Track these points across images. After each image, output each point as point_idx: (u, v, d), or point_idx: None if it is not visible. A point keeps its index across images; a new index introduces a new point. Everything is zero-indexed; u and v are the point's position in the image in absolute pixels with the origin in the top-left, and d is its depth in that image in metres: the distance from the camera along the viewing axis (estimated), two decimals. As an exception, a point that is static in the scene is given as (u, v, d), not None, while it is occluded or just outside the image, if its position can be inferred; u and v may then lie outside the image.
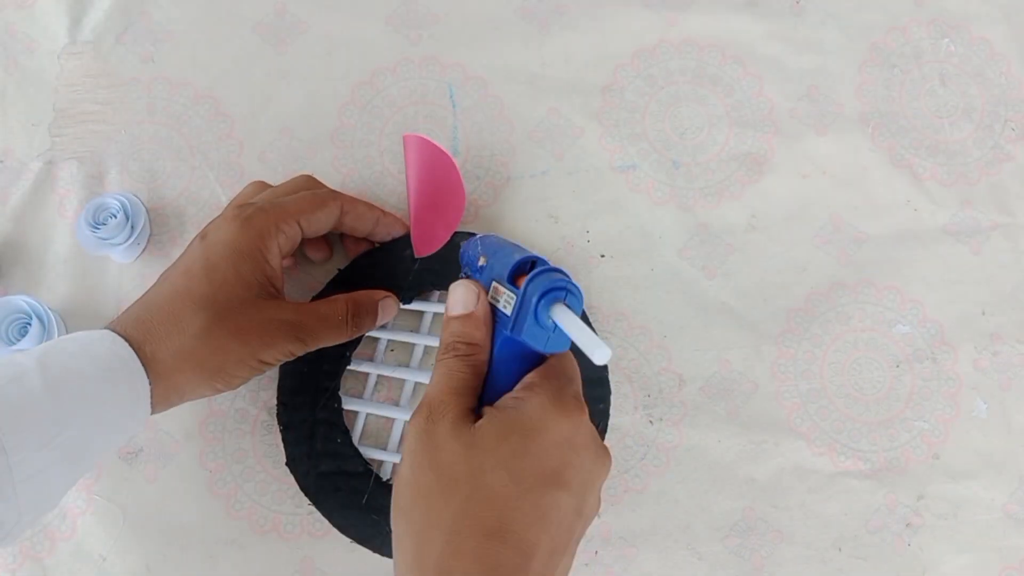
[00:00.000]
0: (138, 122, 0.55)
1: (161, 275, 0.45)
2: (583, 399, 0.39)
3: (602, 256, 0.53)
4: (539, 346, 0.37)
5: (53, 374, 0.38)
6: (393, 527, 0.37)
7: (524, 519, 0.34)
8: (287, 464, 0.49)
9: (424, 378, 0.51)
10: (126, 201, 0.52)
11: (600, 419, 0.50)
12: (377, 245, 0.52)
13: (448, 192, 0.51)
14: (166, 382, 0.41)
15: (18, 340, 0.49)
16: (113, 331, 0.41)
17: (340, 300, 0.46)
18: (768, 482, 0.50)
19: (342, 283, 0.51)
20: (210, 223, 0.46)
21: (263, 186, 0.49)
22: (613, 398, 0.50)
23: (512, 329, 0.37)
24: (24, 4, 0.58)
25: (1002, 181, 0.55)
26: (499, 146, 0.55)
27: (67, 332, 0.52)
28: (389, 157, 0.55)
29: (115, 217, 0.51)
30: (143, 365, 0.40)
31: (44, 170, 0.55)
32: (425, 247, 0.51)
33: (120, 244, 0.51)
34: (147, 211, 0.53)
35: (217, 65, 0.56)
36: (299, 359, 0.48)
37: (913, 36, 0.58)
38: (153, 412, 0.42)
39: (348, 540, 0.48)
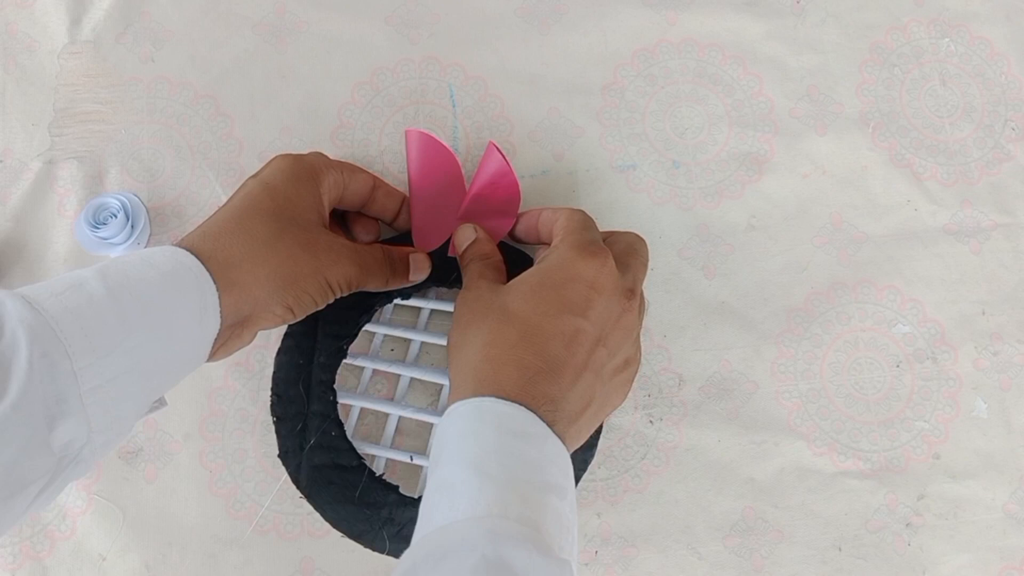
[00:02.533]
0: (138, 122, 0.55)
1: (216, 210, 0.44)
2: (603, 245, 0.43)
3: (602, 256, 0.53)
4: None
5: (114, 280, 0.37)
6: (448, 359, 0.43)
7: (542, 335, 0.39)
8: (279, 456, 0.48)
9: (420, 374, 0.51)
10: (126, 201, 0.52)
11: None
12: (381, 238, 0.52)
13: (450, 188, 0.51)
14: (238, 288, 0.40)
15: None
16: (176, 247, 0.40)
17: (378, 247, 0.47)
18: (768, 482, 0.50)
19: None
20: (258, 172, 0.46)
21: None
22: (613, 398, 0.51)
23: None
24: (24, 4, 0.58)
25: (1002, 181, 0.55)
26: (499, 146, 0.55)
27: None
28: (389, 157, 0.55)
29: (115, 217, 0.51)
30: (211, 275, 0.39)
31: (44, 170, 0.55)
32: (425, 244, 0.51)
33: (120, 244, 0.51)
34: (147, 211, 0.53)
35: (217, 65, 0.56)
36: (295, 350, 0.48)
37: (913, 36, 0.58)
38: (223, 325, 0.40)
39: (349, 540, 0.48)
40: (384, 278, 0.47)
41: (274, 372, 0.49)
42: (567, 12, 0.58)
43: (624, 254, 0.44)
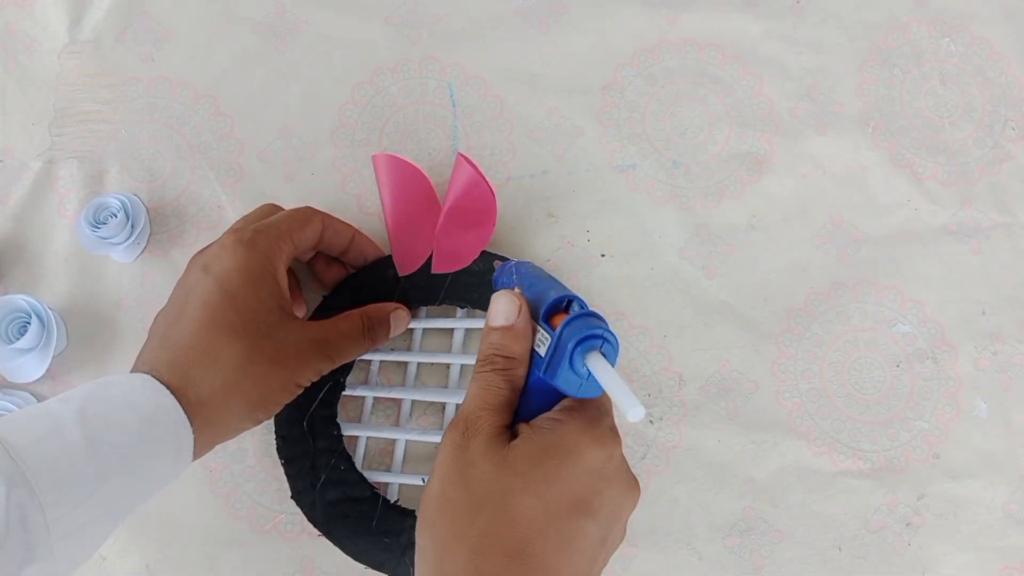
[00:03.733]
0: (138, 122, 0.55)
1: (168, 308, 0.43)
2: (618, 430, 0.38)
3: (602, 256, 0.53)
4: (571, 391, 0.36)
5: (93, 427, 0.37)
6: (417, 539, 0.37)
7: (548, 544, 0.34)
8: (292, 498, 0.48)
9: (420, 396, 0.50)
10: (126, 200, 0.52)
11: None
12: (349, 271, 0.51)
13: (424, 206, 0.51)
14: (212, 426, 0.40)
15: (17, 339, 0.49)
16: (150, 376, 0.39)
17: (355, 315, 0.46)
18: (768, 482, 0.50)
19: (329, 308, 0.50)
20: (203, 254, 0.44)
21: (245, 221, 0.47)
22: (613, 398, 0.50)
23: (545, 371, 0.36)
24: (24, 3, 0.58)
25: (1002, 181, 0.55)
26: (499, 146, 0.55)
27: (67, 333, 0.52)
28: (389, 157, 0.55)
29: (115, 216, 0.51)
30: (187, 413, 0.39)
31: (44, 169, 0.55)
32: (407, 265, 0.51)
33: (120, 244, 0.51)
34: (147, 211, 0.53)
35: (217, 65, 0.56)
36: None
37: (913, 36, 0.58)
38: (194, 459, 0.40)
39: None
40: (361, 349, 0.46)
41: (275, 415, 0.49)
42: (567, 12, 0.58)
43: (611, 426, 0.39)
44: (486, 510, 0.34)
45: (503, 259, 0.51)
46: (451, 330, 0.51)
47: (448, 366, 0.51)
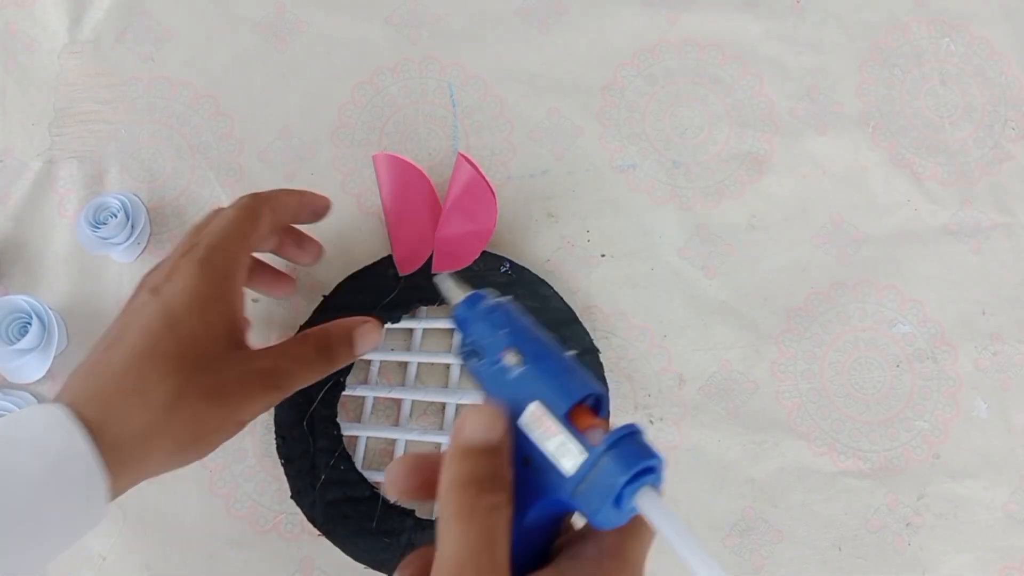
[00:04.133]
0: (138, 122, 0.55)
1: (109, 331, 0.39)
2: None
3: (602, 256, 0.53)
4: (604, 525, 0.27)
5: None
6: None
7: None
8: (292, 498, 0.48)
9: (420, 396, 0.50)
10: (126, 201, 0.52)
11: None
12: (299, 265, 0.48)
13: (424, 207, 0.51)
14: (130, 470, 0.36)
15: (18, 339, 0.49)
16: (68, 409, 0.35)
17: (310, 336, 0.42)
18: (768, 482, 0.50)
19: (329, 309, 0.50)
20: (153, 274, 0.41)
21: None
22: (613, 398, 0.50)
23: (573, 496, 0.27)
24: (24, 3, 0.58)
25: (1002, 181, 0.55)
26: (499, 146, 0.55)
27: (67, 333, 0.52)
28: (389, 157, 0.55)
29: (115, 217, 0.51)
30: (102, 455, 0.35)
31: (44, 169, 0.55)
32: (408, 264, 0.51)
33: (120, 244, 0.51)
34: (147, 211, 0.53)
35: (217, 65, 0.56)
36: None
37: (913, 36, 0.58)
38: (111, 500, 0.36)
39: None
40: (318, 373, 0.41)
41: (275, 414, 0.49)
42: (567, 12, 0.58)
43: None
44: None
45: (500, 259, 0.51)
46: (451, 330, 0.51)
47: (448, 366, 0.51)
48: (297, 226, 0.47)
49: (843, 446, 0.51)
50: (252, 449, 0.50)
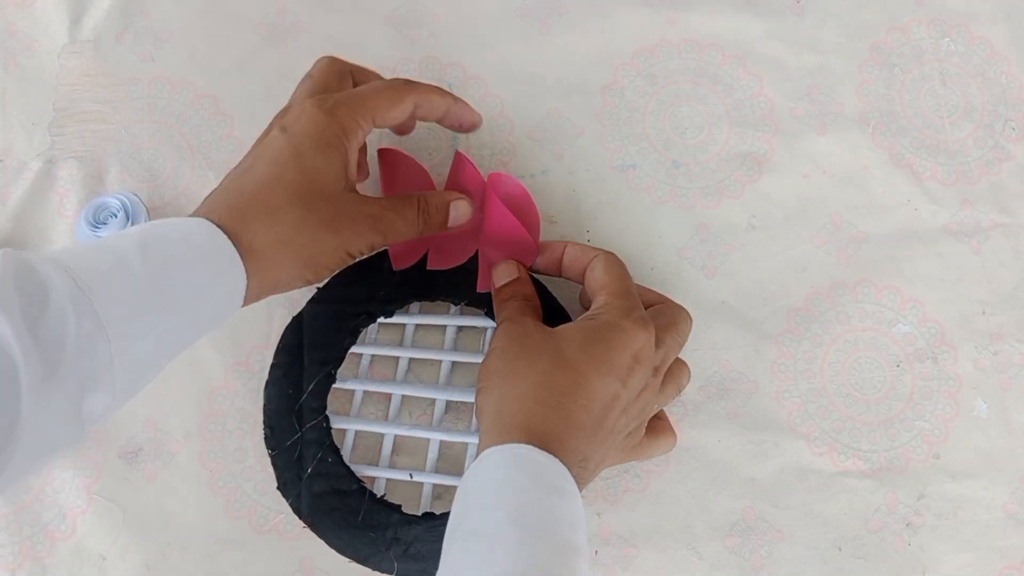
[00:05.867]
0: (138, 122, 0.55)
1: (241, 163, 0.44)
2: (649, 317, 0.43)
3: (602, 256, 0.53)
4: None
5: (155, 263, 0.38)
6: (480, 384, 0.42)
7: (591, 391, 0.40)
8: (278, 488, 0.48)
9: (410, 391, 0.50)
10: (126, 200, 0.52)
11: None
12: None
13: None
14: (262, 273, 0.41)
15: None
16: (210, 220, 0.40)
17: (413, 197, 0.47)
18: (768, 482, 0.50)
19: (323, 301, 0.50)
20: (284, 114, 0.45)
21: (335, 64, 0.48)
22: (613, 398, 0.50)
23: None
24: (24, 3, 0.58)
25: (1002, 181, 0.55)
26: (499, 146, 0.55)
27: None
28: (389, 157, 0.55)
29: (115, 217, 0.51)
30: (241, 257, 0.40)
31: (44, 169, 0.55)
32: (402, 259, 0.51)
33: (120, 244, 0.51)
34: (147, 211, 0.53)
35: (217, 65, 0.56)
36: (283, 380, 0.48)
37: (913, 36, 0.58)
38: (244, 304, 0.42)
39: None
40: (415, 231, 0.46)
41: (264, 405, 0.49)
42: (567, 12, 0.58)
43: (663, 328, 0.45)
44: (543, 358, 0.41)
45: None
46: (444, 327, 0.52)
47: (440, 363, 0.51)
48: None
49: (843, 446, 0.51)
50: (252, 449, 0.50)
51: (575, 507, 0.37)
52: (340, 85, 0.47)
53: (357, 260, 0.45)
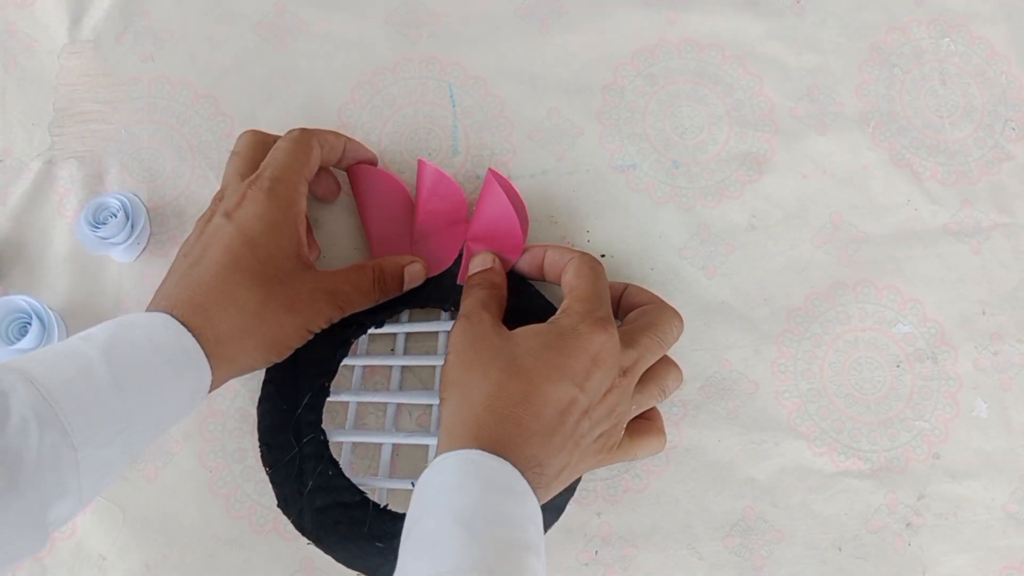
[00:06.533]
0: (138, 122, 0.55)
1: (190, 251, 0.44)
2: (613, 319, 0.43)
3: (602, 256, 0.53)
4: None
5: (120, 368, 0.38)
6: (441, 394, 0.43)
7: (543, 398, 0.40)
8: (279, 506, 0.47)
9: (405, 399, 0.50)
10: (126, 200, 0.52)
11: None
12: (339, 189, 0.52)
13: (403, 214, 0.51)
14: (227, 363, 0.42)
15: (18, 340, 0.49)
16: (172, 316, 0.41)
17: (367, 267, 0.47)
18: (768, 482, 0.50)
19: None
20: (222, 199, 0.46)
21: (257, 136, 0.49)
22: (613, 398, 0.50)
23: None
24: (24, 3, 0.58)
25: (1002, 181, 0.55)
26: (499, 146, 0.55)
27: (67, 333, 0.52)
28: (389, 156, 0.55)
29: (115, 217, 0.51)
30: (205, 352, 0.41)
31: (44, 169, 0.55)
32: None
33: (120, 244, 0.51)
34: (147, 211, 0.53)
35: (217, 65, 0.56)
36: (277, 396, 0.48)
37: (913, 36, 0.58)
38: (209, 392, 0.42)
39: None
40: (371, 300, 0.47)
41: (259, 422, 0.48)
42: (567, 12, 0.58)
43: (640, 330, 0.45)
44: (496, 366, 0.41)
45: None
46: (436, 333, 0.51)
47: (434, 368, 0.51)
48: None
49: (843, 446, 0.51)
50: (252, 449, 0.50)
51: (527, 506, 0.37)
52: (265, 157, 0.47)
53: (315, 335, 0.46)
